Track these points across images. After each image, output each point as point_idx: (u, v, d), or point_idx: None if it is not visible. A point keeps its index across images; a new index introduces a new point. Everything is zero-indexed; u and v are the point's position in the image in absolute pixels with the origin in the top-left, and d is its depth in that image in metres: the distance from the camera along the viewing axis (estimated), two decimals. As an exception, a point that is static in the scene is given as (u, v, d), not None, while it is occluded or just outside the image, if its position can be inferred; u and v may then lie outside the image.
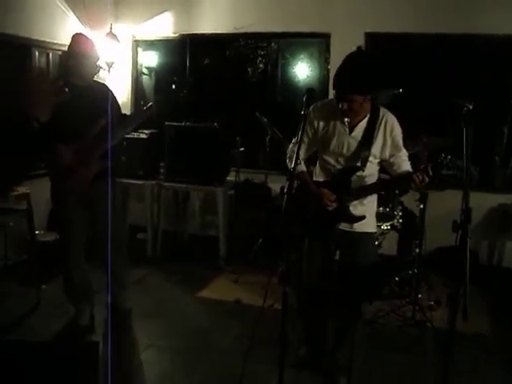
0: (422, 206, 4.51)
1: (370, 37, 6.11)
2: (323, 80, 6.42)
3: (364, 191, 3.22)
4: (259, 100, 6.72)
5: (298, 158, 2.72)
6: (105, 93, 4.05)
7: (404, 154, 3.22)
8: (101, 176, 3.89)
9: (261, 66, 6.87)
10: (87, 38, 4.01)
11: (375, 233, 3.50)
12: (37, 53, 5.73)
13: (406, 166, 3.20)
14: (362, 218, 3.22)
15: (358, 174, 3.18)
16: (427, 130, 4.64)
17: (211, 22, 6.55)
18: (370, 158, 3.13)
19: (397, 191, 4.77)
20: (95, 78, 4.13)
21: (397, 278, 4.88)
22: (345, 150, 3.16)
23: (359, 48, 3.12)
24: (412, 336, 4.23)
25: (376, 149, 3.14)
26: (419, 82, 6.17)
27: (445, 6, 5.81)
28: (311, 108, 3.06)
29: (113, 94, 4.17)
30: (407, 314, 4.45)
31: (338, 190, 3.19)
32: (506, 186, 6.10)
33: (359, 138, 3.11)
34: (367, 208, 3.28)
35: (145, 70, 7.18)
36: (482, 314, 4.68)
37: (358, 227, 3.26)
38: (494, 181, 6.22)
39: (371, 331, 4.20)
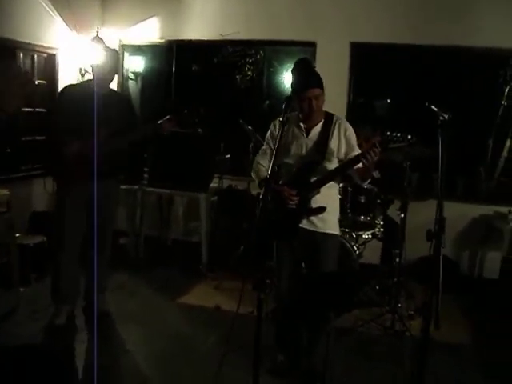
0: (402, 216, 4.52)
1: (355, 46, 6.18)
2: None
3: (323, 180, 3.35)
4: (245, 107, 6.75)
5: (274, 164, 2.77)
6: (121, 101, 4.42)
7: (355, 150, 3.40)
8: (103, 176, 4.08)
9: (249, 73, 6.91)
10: (111, 50, 4.31)
11: (338, 235, 3.59)
12: (21, 55, 5.70)
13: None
14: (323, 209, 3.35)
15: (319, 171, 3.35)
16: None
17: (198, 28, 6.55)
18: (327, 156, 3.35)
19: (379, 200, 4.80)
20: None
21: (377, 287, 4.89)
22: (304, 151, 3.41)
23: (305, 57, 3.60)
24: (391, 345, 4.23)
25: (332, 147, 3.37)
26: (403, 92, 6.25)
27: (430, 17, 5.87)
28: (273, 122, 3.53)
29: (130, 103, 4.65)
30: (386, 323, 4.46)
31: (298, 186, 3.35)
32: (489, 198, 6.15)
33: (315, 139, 3.39)
34: (328, 203, 3.40)
35: (131, 75, 7.17)
36: (461, 323, 4.74)
37: (321, 227, 3.40)
38: (478, 192, 6.27)
39: (350, 339, 4.20)
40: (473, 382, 3.74)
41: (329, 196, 3.43)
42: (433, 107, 2.69)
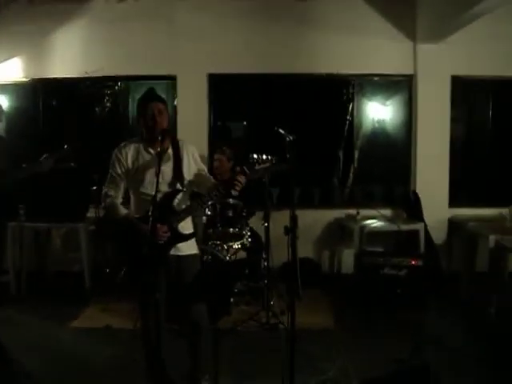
0: (266, 225, 5.11)
1: (212, 77, 6.88)
2: (171, 117, 6.92)
3: (190, 208, 3.49)
4: (112, 138, 7.05)
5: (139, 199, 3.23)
6: None
7: (205, 169, 3.68)
8: None
9: (108, 104, 7.22)
10: None
11: (197, 254, 3.72)
12: None
13: (212, 178, 3.72)
14: (193, 234, 3.55)
15: (181, 198, 3.49)
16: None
17: (63, 66, 6.87)
18: (185, 181, 3.48)
19: (244, 213, 5.37)
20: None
21: (248, 296, 5.51)
22: (160, 179, 3.30)
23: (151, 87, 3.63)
24: (268, 337, 4.80)
25: (185, 171, 3.51)
26: (259, 115, 6.97)
27: (278, 49, 6.77)
28: (117, 148, 3.54)
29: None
30: (262, 320, 5.04)
31: (164, 216, 3.36)
32: (342, 203, 7.04)
33: (171, 165, 3.46)
34: (187, 225, 3.56)
35: (-3, 116, 7.23)
36: (328, 313, 5.47)
37: (185, 250, 3.52)
38: (333, 199, 7.14)
39: (232, 339, 4.65)
40: (341, 357, 4.37)
41: (187, 219, 3.55)
42: (281, 130, 3.26)
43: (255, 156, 3.31)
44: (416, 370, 2.79)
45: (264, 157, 3.31)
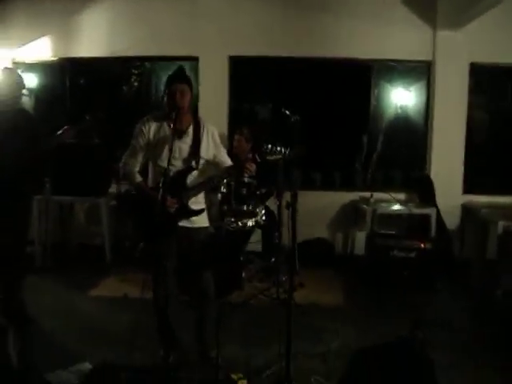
0: (277, 203, 5.26)
1: (233, 59, 7.04)
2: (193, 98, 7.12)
3: (201, 186, 3.65)
4: (135, 116, 7.26)
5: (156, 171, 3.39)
6: (23, 119, 4.55)
7: (224, 151, 3.83)
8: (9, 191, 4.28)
9: (135, 84, 7.43)
10: (11, 71, 4.70)
11: (208, 227, 3.89)
12: None
13: (229, 161, 3.82)
14: (202, 210, 3.71)
15: (193, 173, 3.63)
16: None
17: (89, 46, 7.11)
18: (201, 160, 3.63)
19: (258, 192, 5.54)
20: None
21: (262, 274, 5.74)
22: (177, 154, 3.52)
23: (181, 65, 3.75)
24: (278, 312, 4.96)
25: (204, 150, 3.64)
26: (280, 99, 7.10)
27: (300, 32, 6.90)
28: (141, 121, 3.68)
29: (31, 121, 4.70)
30: (273, 295, 5.22)
31: (176, 190, 3.53)
32: (364, 187, 7.05)
33: (189, 142, 3.61)
34: (202, 203, 3.76)
35: (24, 92, 7.46)
36: (339, 291, 5.69)
37: (196, 223, 3.69)
38: (354, 183, 7.30)
39: (243, 312, 4.87)
40: (347, 332, 4.57)
41: (200, 195, 3.74)
42: (286, 111, 3.41)
43: (269, 147, 3.42)
44: (405, 342, 2.95)
45: (278, 149, 3.42)
